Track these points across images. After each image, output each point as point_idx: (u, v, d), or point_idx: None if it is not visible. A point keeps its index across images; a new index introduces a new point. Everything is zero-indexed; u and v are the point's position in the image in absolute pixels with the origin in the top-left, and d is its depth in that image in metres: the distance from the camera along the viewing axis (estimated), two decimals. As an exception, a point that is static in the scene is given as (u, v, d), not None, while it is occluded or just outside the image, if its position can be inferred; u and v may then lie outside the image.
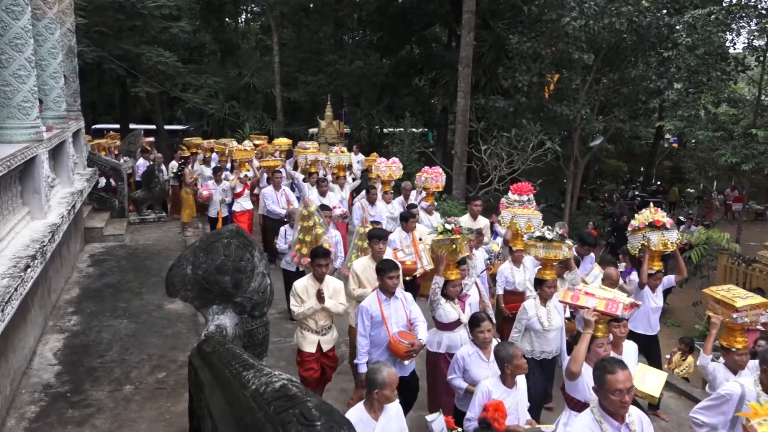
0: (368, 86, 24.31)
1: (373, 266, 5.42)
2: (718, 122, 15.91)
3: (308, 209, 6.48)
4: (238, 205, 10.31)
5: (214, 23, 27.90)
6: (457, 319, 5.21)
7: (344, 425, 1.90)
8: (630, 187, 26.64)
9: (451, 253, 5.22)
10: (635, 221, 6.67)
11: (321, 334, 5.29)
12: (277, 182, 9.83)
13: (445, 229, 5.28)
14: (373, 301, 4.94)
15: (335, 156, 11.29)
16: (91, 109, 26.31)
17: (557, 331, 5.39)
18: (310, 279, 5.29)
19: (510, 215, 6.82)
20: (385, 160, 10.46)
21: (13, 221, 5.37)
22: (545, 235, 5.56)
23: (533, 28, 16.90)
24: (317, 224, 6.49)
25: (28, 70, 6.01)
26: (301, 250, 6.50)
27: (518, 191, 7.15)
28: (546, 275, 5.47)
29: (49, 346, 5.93)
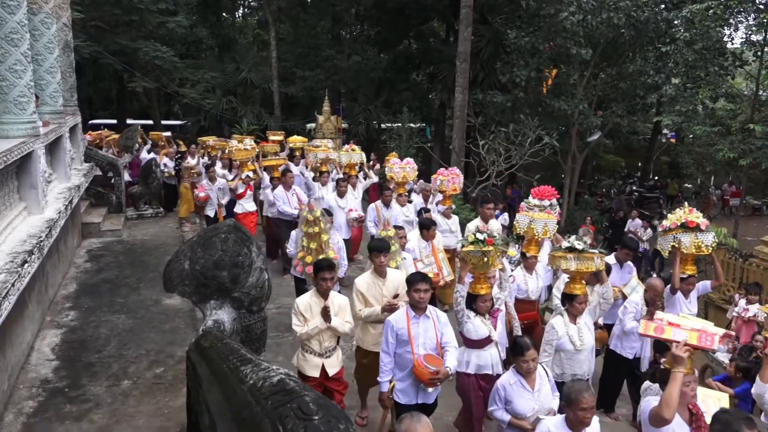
0: (366, 81, 24.27)
1: (379, 282, 5.12)
2: (715, 117, 15.95)
3: (313, 214, 6.04)
4: (240, 207, 9.84)
5: (211, 18, 27.80)
6: (488, 336, 4.75)
7: (342, 419, 1.90)
8: (628, 182, 26.67)
9: (482, 266, 4.75)
10: (667, 221, 6.17)
11: (325, 357, 4.78)
12: (289, 182, 9.37)
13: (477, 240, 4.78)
14: (401, 317, 4.52)
15: (346, 154, 10.68)
16: (87, 105, 26.20)
17: (589, 350, 4.96)
18: (313, 295, 4.75)
19: (526, 219, 6.38)
20: (398, 161, 9.88)
21: (9, 216, 5.36)
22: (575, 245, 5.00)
23: (531, 23, 16.88)
24: (323, 230, 6.06)
25: (24, 65, 5.98)
26: (305, 259, 6.01)
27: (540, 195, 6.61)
28: (576, 290, 4.95)
29: (47, 342, 5.92)
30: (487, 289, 4.80)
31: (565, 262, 4.99)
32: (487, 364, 4.75)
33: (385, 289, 5.14)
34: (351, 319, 4.89)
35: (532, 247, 6.37)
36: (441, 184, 8.93)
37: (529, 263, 6.33)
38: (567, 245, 5.07)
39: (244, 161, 10.42)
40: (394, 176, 9.49)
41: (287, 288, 8.93)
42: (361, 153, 10.86)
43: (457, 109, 16.88)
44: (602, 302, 5.33)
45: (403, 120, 19.70)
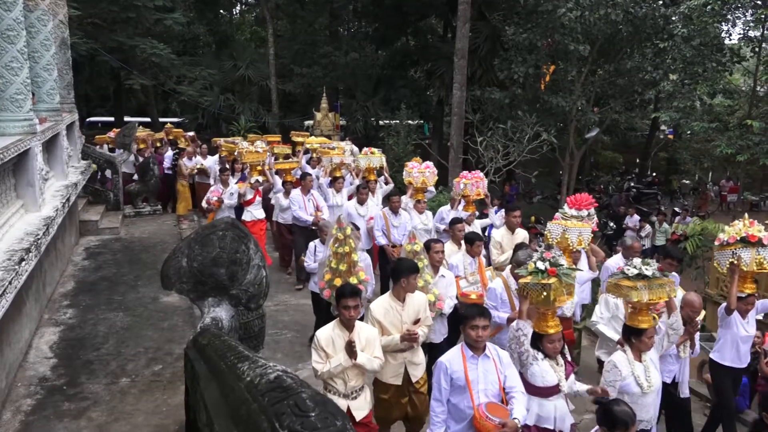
0: (364, 78, 24.25)
1: (398, 306, 4.56)
2: (713, 113, 15.98)
3: (344, 231, 5.39)
4: (249, 214, 9.14)
5: (208, 15, 27.73)
6: (557, 384, 4.06)
7: (339, 416, 1.91)
8: (626, 179, 26.69)
9: (543, 301, 4.03)
10: (724, 235, 5.49)
11: (351, 398, 4.18)
12: (308, 186, 8.85)
13: (537, 269, 4.08)
14: (456, 357, 3.90)
15: (365, 158, 9.88)
16: (85, 102, 26.15)
17: (657, 392, 4.30)
18: (336, 327, 4.18)
19: (559, 228, 5.82)
20: (417, 164, 9.05)
21: (7, 214, 5.35)
22: (644, 271, 4.21)
23: (529, 19, 16.87)
24: (353, 249, 5.44)
25: (21, 62, 5.96)
26: (333, 281, 5.39)
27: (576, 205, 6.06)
28: (642, 322, 4.20)
29: (45, 339, 5.92)
30: (556, 327, 4.11)
31: (635, 293, 4.15)
32: (549, 417, 4.09)
33: (404, 314, 4.59)
34: (381, 354, 4.28)
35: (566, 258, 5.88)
36: (464, 188, 8.27)
37: None
38: (635, 272, 4.26)
39: (254, 165, 9.59)
40: (413, 181, 8.80)
41: (285, 285, 8.96)
42: (381, 156, 10.10)
43: (455, 106, 16.86)
44: (671, 333, 4.65)
45: (401, 117, 19.69)
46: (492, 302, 5.46)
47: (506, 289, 5.46)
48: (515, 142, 15.42)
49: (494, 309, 5.32)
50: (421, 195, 8.61)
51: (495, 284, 5.54)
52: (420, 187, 8.74)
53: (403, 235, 7.64)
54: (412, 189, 8.74)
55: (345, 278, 5.31)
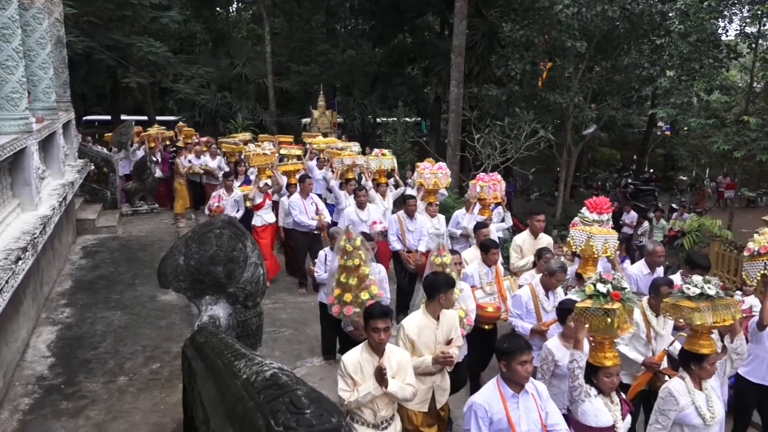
0: (361, 76, 24.24)
1: (432, 324, 4.19)
2: (710, 109, 15.98)
3: (352, 243, 5.03)
4: (259, 219, 8.69)
5: (204, 13, 27.68)
6: (612, 425, 3.58)
7: (334, 412, 1.91)
8: (623, 175, 26.77)
9: (605, 329, 3.57)
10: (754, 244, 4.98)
11: (381, 429, 3.78)
12: (307, 189, 8.45)
13: (597, 293, 3.65)
14: (494, 397, 3.49)
15: (376, 159, 9.43)
16: (81, 101, 26.10)
17: (720, 424, 3.85)
18: (364, 351, 3.77)
19: (583, 235, 5.44)
20: (429, 165, 8.58)
21: (3, 213, 5.34)
22: (707, 290, 3.75)
23: (526, 15, 16.88)
24: (364, 262, 5.06)
25: (16, 61, 5.95)
26: (343, 297, 5.03)
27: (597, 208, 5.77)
28: (704, 347, 3.74)
29: (43, 339, 5.91)
30: (615, 359, 3.63)
31: (698, 315, 3.68)
32: None
33: (439, 332, 4.21)
34: (413, 380, 3.89)
35: (589, 267, 5.43)
36: (481, 191, 7.79)
37: None
38: (696, 291, 3.78)
39: (262, 168, 9.07)
40: (424, 183, 8.36)
41: (283, 283, 8.95)
42: (393, 158, 9.66)
43: (453, 103, 16.87)
44: (735, 358, 4.21)
45: (398, 114, 19.70)
46: (516, 310, 5.23)
47: (533, 297, 5.19)
48: (512, 139, 15.44)
49: (518, 318, 5.16)
50: (433, 197, 8.19)
51: (522, 291, 5.27)
52: (431, 189, 8.29)
53: (419, 240, 7.47)
54: (423, 191, 8.37)
55: (355, 293, 4.98)
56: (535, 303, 5.18)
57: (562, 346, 4.38)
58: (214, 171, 11.76)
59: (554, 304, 5.04)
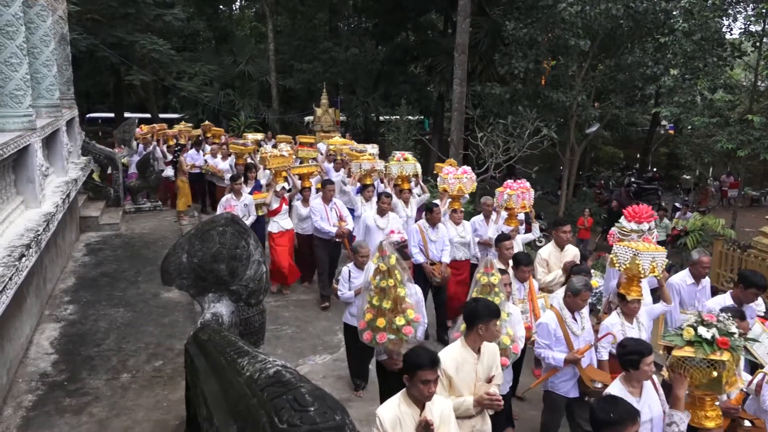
0: (364, 74, 24.22)
1: (472, 359, 3.72)
2: (714, 108, 15.91)
3: (387, 262, 4.50)
4: (276, 225, 8.22)
5: (207, 10, 27.69)
6: None
7: (338, 410, 1.91)
8: (626, 174, 26.69)
9: (711, 385, 3.13)
10: None
11: None
12: (328, 195, 7.99)
13: (700, 339, 3.20)
14: None
15: (397, 164, 8.84)
16: (85, 98, 26.16)
17: None
18: (402, 403, 3.26)
19: (628, 252, 4.77)
20: (453, 170, 8.00)
21: (7, 210, 5.35)
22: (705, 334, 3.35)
23: (529, 14, 16.84)
24: (399, 283, 4.50)
25: (20, 58, 5.95)
26: (376, 323, 4.47)
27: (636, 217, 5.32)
28: None
29: (46, 335, 5.93)
30: (718, 419, 3.24)
31: None
32: None
33: (479, 368, 3.75)
34: None
35: (634, 288, 4.78)
36: (509, 199, 7.36)
37: (630, 309, 4.76)
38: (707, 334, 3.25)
39: (279, 171, 8.60)
40: (448, 188, 7.80)
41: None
42: (416, 163, 9.10)
43: (456, 101, 16.85)
44: None
45: (401, 112, 19.69)
46: (544, 340, 4.72)
47: (560, 323, 4.69)
48: (515, 138, 15.42)
49: (546, 348, 4.67)
50: (458, 204, 7.74)
51: (547, 318, 4.78)
52: (456, 194, 7.79)
53: (442, 250, 7.08)
54: (447, 197, 7.89)
55: (390, 318, 4.44)
56: (563, 328, 4.67)
57: None
58: (222, 173, 11.43)
59: (583, 326, 4.69)
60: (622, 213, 5.66)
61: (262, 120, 23.43)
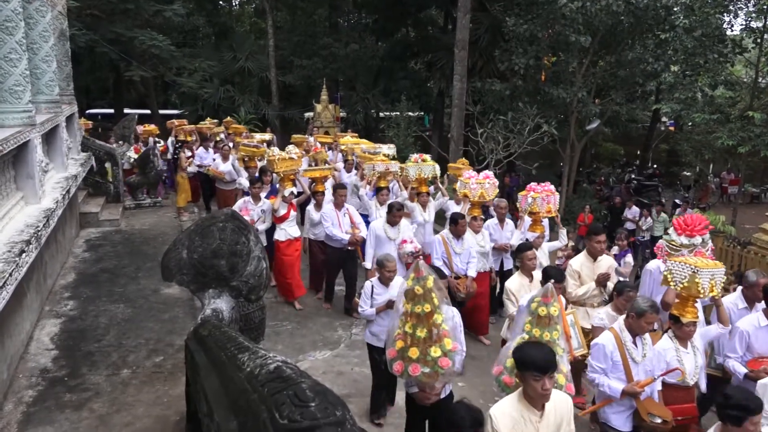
0: (364, 70, 24.17)
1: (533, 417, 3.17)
2: (714, 105, 15.91)
3: (423, 284, 3.89)
4: (283, 233, 7.66)
5: (207, 6, 27.62)
6: None
7: (339, 405, 1.91)
8: (626, 171, 26.67)
9: None
10: None
11: None
12: (340, 200, 7.59)
13: None
14: None
15: (414, 166, 8.31)
16: (84, 94, 26.11)
17: None
18: None
19: (687, 270, 4.33)
20: (475, 174, 7.54)
21: (7, 206, 5.34)
22: None
23: (530, 10, 16.78)
24: (436, 309, 3.90)
25: (19, 54, 5.94)
26: (409, 353, 3.90)
27: (688, 230, 4.86)
28: None
29: (46, 331, 5.93)
30: None
31: None
32: None
33: (542, 426, 3.19)
34: None
35: (689, 309, 4.37)
36: (533, 203, 6.94)
37: (685, 332, 4.36)
38: None
39: (288, 175, 7.97)
40: (469, 194, 7.38)
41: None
42: (434, 165, 8.54)
43: (456, 98, 16.82)
44: None
45: (401, 108, 19.65)
46: (599, 363, 4.22)
47: (618, 346, 4.19)
48: (516, 134, 15.39)
49: (601, 373, 4.21)
50: (478, 211, 7.32)
51: (604, 339, 4.24)
52: (477, 201, 7.36)
53: (467, 263, 6.68)
54: (468, 203, 7.48)
55: (424, 348, 3.87)
56: (621, 353, 4.19)
57: None
58: (223, 175, 10.74)
59: (644, 352, 4.24)
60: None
61: (262, 116, 23.39)
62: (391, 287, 5.06)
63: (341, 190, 7.70)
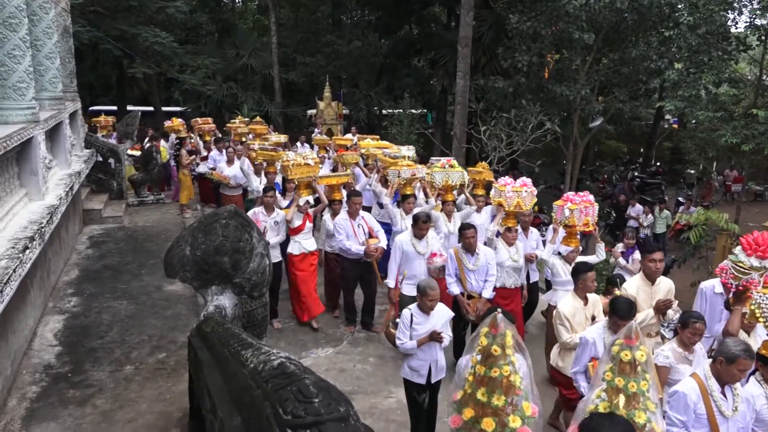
0: (367, 67, 24.15)
1: None
2: (718, 102, 15.83)
3: (500, 340, 3.27)
4: (297, 246, 6.93)
5: (210, 3, 27.64)
6: None
7: (342, 401, 1.91)
8: (629, 168, 26.60)
9: None
10: None
11: None
12: (355, 209, 6.88)
13: None
14: None
15: (441, 172, 7.57)
16: (88, 91, 26.11)
17: None
18: None
19: None
20: (511, 181, 6.72)
21: (10, 203, 5.35)
22: None
23: (533, 7, 16.74)
24: (515, 370, 3.28)
25: (23, 50, 5.94)
26: (482, 424, 3.24)
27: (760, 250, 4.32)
28: None
29: (50, 327, 5.95)
30: None
31: None
32: None
33: None
34: None
35: None
36: (570, 215, 6.10)
37: None
38: None
39: (303, 182, 7.23)
40: (504, 203, 6.53)
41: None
42: (463, 171, 7.80)
43: (459, 95, 16.80)
44: None
45: (404, 106, 19.64)
46: (679, 416, 3.54)
47: (703, 396, 3.52)
48: (519, 132, 15.37)
49: (681, 427, 3.54)
50: (513, 221, 6.53)
51: (686, 387, 3.59)
52: (513, 211, 6.52)
53: (484, 281, 5.90)
54: (503, 213, 6.65)
55: (501, 419, 3.22)
56: (707, 406, 3.51)
57: None
58: (228, 180, 10.11)
59: (735, 405, 3.55)
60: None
61: (265, 113, 23.40)
62: (432, 315, 4.49)
63: (356, 197, 6.96)
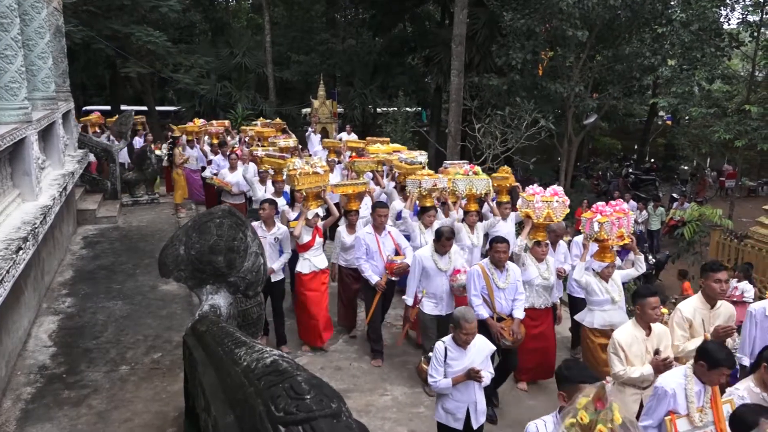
0: (361, 65, 24.13)
1: None
2: (711, 99, 15.92)
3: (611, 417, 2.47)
4: (306, 264, 6.23)
5: (204, 2, 27.51)
6: None
7: (334, 398, 1.93)
8: (624, 165, 26.70)
9: None
10: None
11: None
12: (380, 221, 6.21)
13: None
14: None
15: (464, 179, 6.94)
16: (81, 91, 26.01)
17: None
18: None
19: None
20: (541, 190, 6.15)
21: (3, 203, 5.34)
22: None
23: (527, 4, 16.76)
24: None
25: (15, 50, 5.92)
26: None
27: None
28: None
29: (44, 328, 5.94)
30: None
31: None
32: None
33: None
34: None
35: None
36: (600, 229, 5.35)
37: None
38: None
39: (312, 193, 6.50)
40: (533, 214, 5.95)
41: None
42: (487, 179, 7.10)
43: (453, 93, 16.80)
44: None
45: (398, 104, 19.64)
46: None
47: None
48: (513, 129, 15.41)
49: None
50: (543, 234, 5.89)
51: None
52: (542, 222, 5.94)
53: (513, 300, 5.26)
54: (531, 225, 6.02)
55: None
56: None
57: None
58: (230, 186, 9.63)
59: None
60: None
61: (259, 112, 23.35)
62: (469, 350, 4.02)
63: (381, 209, 6.26)
